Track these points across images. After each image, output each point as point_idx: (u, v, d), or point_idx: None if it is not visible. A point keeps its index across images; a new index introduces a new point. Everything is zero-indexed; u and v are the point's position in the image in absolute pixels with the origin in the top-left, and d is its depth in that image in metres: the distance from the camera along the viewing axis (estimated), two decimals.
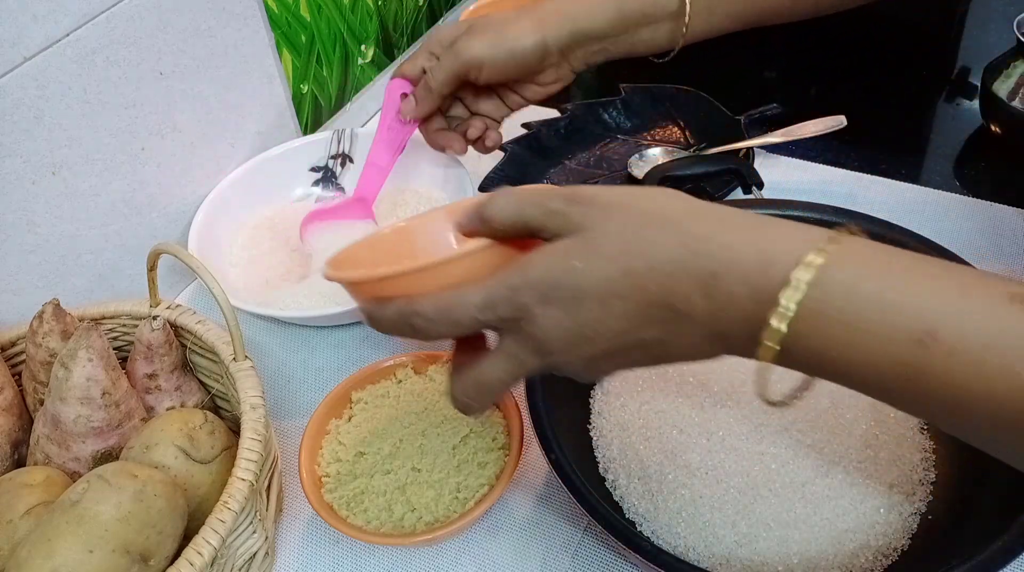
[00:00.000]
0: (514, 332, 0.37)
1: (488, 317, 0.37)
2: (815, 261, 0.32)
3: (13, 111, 0.55)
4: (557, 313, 0.36)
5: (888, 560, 0.48)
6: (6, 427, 0.51)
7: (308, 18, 0.78)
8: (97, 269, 0.65)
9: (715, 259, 0.33)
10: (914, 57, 0.89)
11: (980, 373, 0.30)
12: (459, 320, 0.37)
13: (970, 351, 0.30)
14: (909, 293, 0.31)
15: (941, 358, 0.30)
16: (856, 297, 0.31)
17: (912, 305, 0.31)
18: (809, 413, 0.53)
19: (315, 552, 0.54)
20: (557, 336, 0.36)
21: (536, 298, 0.36)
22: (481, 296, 0.37)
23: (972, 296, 0.31)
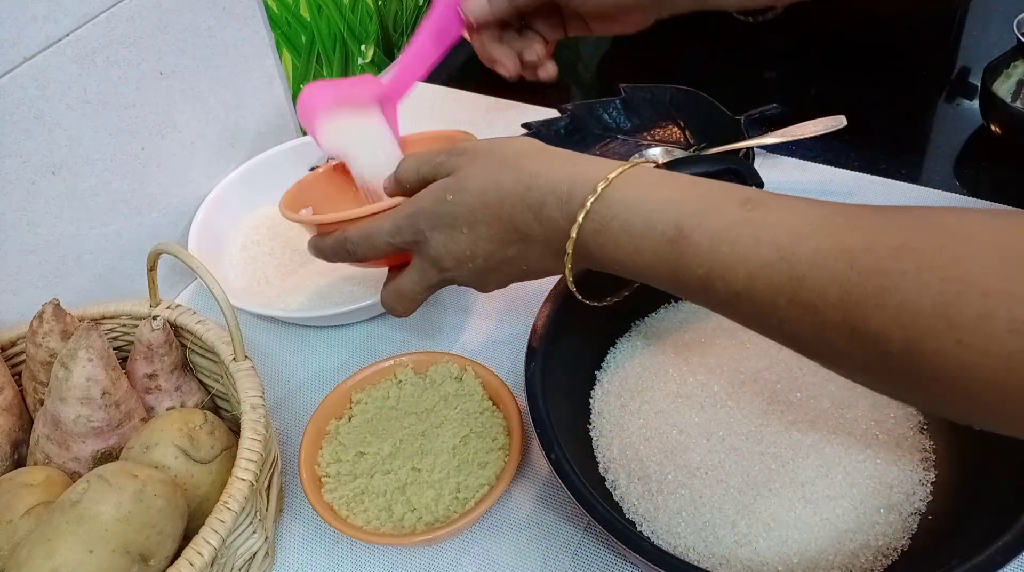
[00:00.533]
0: (417, 252, 0.49)
1: (396, 240, 0.48)
2: (600, 186, 0.41)
3: (13, 111, 0.55)
4: (441, 236, 0.47)
5: (888, 560, 0.48)
6: (6, 427, 0.51)
7: (308, 18, 0.78)
8: (97, 269, 0.65)
9: (541, 191, 0.43)
10: (914, 57, 0.89)
11: (715, 259, 0.37)
12: (375, 243, 0.49)
13: (705, 243, 0.37)
14: (666, 203, 0.39)
15: (688, 252, 0.38)
16: (627, 210, 0.40)
17: (666, 212, 0.39)
18: (809, 413, 0.53)
19: (315, 552, 0.54)
20: (446, 253, 0.47)
21: (427, 224, 0.47)
22: (389, 224, 0.48)
23: (712, 201, 0.38)
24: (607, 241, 0.41)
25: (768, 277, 0.36)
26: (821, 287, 0.34)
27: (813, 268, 0.34)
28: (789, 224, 0.36)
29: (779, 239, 0.35)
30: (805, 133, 0.75)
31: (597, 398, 0.57)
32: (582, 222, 0.41)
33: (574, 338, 0.56)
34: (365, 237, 0.50)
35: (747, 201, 0.38)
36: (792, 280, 0.35)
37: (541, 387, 0.51)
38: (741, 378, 0.56)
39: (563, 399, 0.53)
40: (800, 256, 0.35)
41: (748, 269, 0.36)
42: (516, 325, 0.67)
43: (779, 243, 0.35)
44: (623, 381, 0.57)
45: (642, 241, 0.40)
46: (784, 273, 0.35)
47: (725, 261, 0.37)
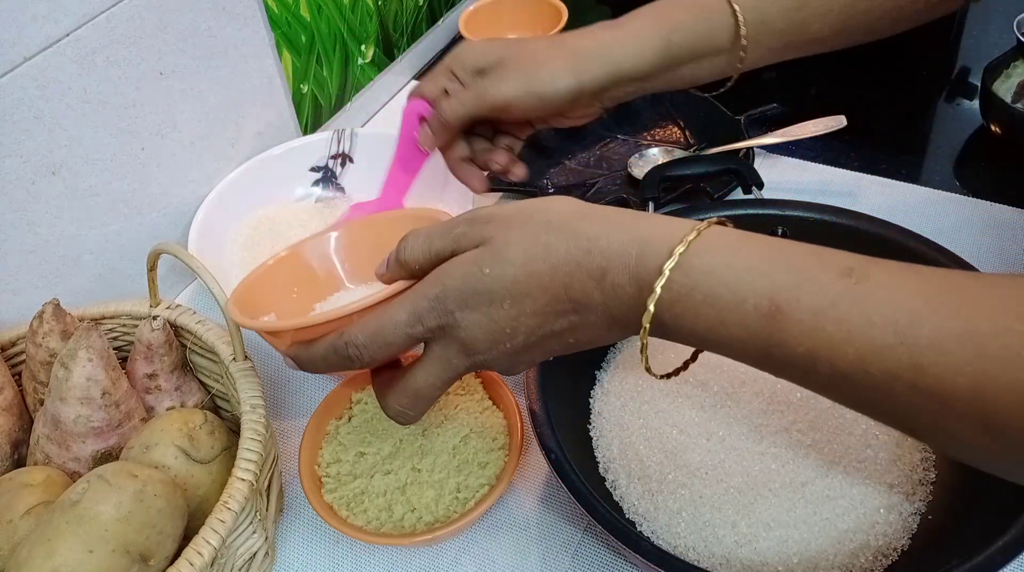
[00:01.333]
0: (440, 338, 0.41)
1: (417, 330, 0.41)
2: (679, 251, 0.37)
3: (13, 111, 0.55)
4: (476, 316, 0.40)
5: (888, 560, 0.48)
6: (6, 427, 0.52)
7: (308, 18, 0.78)
8: (97, 269, 0.65)
9: (603, 256, 0.38)
10: (914, 57, 0.89)
11: (818, 338, 0.34)
12: (390, 339, 0.41)
13: (807, 320, 0.34)
14: (757, 272, 0.36)
15: (787, 328, 0.35)
16: (712, 279, 0.36)
17: (759, 284, 0.35)
18: (809, 413, 0.53)
19: (315, 552, 0.54)
20: (480, 336, 0.40)
21: (456, 303, 0.40)
22: (406, 312, 0.41)
23: (809, 270, 0.35)
24: (685, 312, 0.37)
25: (883, 362, 0.33)
26: (948, 377, 0.31)
27: (938, 354, 0.32)
28: (902, 301, 0.33)
29: (895, 320, 0.32)
30: (805, 133, 0.75)
31: (597, 398, 0.57)
32: (660, 292, 0.37)
33: None
34: (375, 334, 0.41)
35: (849, 272, 0.34)
36: (913, 366, 0.32)
37: (541, 387, 0.51)
38: (741, 378, 0.56)
39: (563, 399, 0.53)
40: (920, 340, 0.32)
41: (859, 351, 0.33)
42: None
43: (896, 325, 0.32)
44: (623, 381, 0.57)
45: (729, 314, 0.36)
46: (903, 358, 0.32)
47: (831, 341, 0.34)
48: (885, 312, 0.33)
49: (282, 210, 0.76)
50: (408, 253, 0.43)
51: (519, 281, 0.39)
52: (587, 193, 0.77)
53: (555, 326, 0.40)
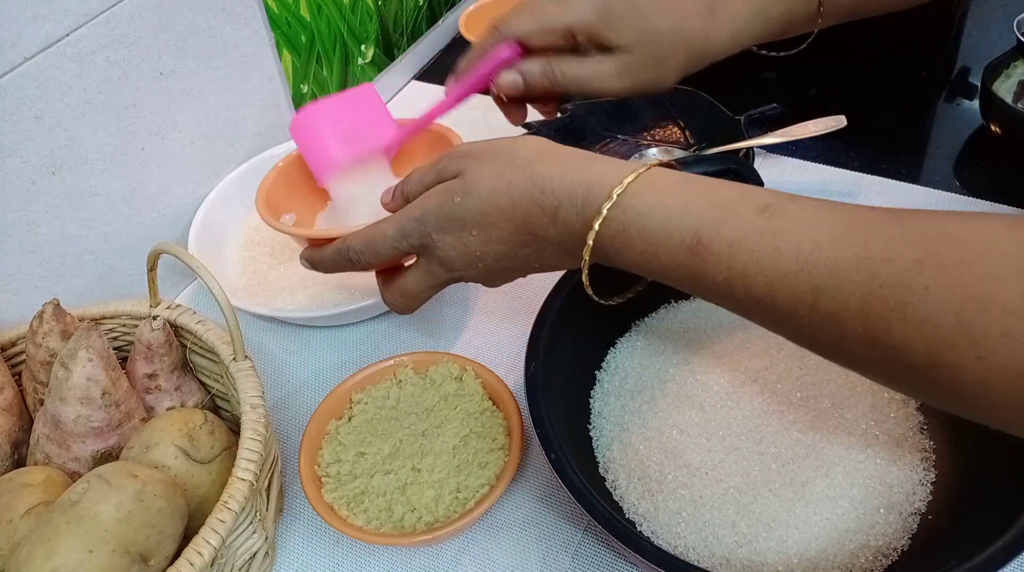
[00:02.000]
0: (423, 253, 0.48)
1: (402, 245, 0.48)
2: (616, 192, 0.41)
3: (13, 111, 0.55)
4: (450, 238, 0.46)
5: (888, 560, 0.48)
6: (6, 427, 0.51)
7: (308, 18, 0.78)
8: (97, 269, 0.65)
9: (556, 195, 0.43)
10: (914, 57, 0.89)
11: (734, 267, 0.37)
12: (380, 250, 0.49)
13: (724, 251, 0.38)
14: (684, 210, 0.39)
15: (707, 259, 0.38)
16: (644, 216, 0.40)
17: (684, 220, 0.39)
18: (809, 413, 0.53)
19: (315, 552, 0.54)
20: (454, 255, 0.47)
21: (434, 226, 0.46)
22: (394, 229, 0.48)
23: (730, 207, 0.38)
24: (624, 245, 0.41)
25: (788, 286, 0.36)
26: (842, 298, 0.34)
27: (834, 279, 0.34)
28: (808, 233, 0.36)
29: (799, 249, 0.36)
30: (805, 133, 0.75)
31: (597, 398, 0.57)
32: (599, 228, 0.41)
33: (574, 338, 0.56)
34: (369, 244, 0.49)
35: (765, 207, 0.38)
36: (813, 290, 0.35)
37: (541, 387, 0.50)
38: (741, 378, 0.56)
39: (563, 399, 0.53)
40: (820, 267, 0.35)
41: (768, 278, 0.36)
42: (516, 325, 0.67)
43: (799, 253, 0.36)
44: (623, 381, 0.57)
45: (660, 247, 0.40)
46: (805, 283, 0.35)
47: (745, 269, 0.37)
48: (792, 242, 0.36)
49: None
50: (410, 187, 0.50)
51: (485, 212, 0.45)
52: None
53: (519, 253, 0.46)
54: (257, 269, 0.71)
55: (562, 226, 0.43)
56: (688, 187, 0.40)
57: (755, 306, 0.38)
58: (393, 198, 0.51)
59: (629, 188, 0.41)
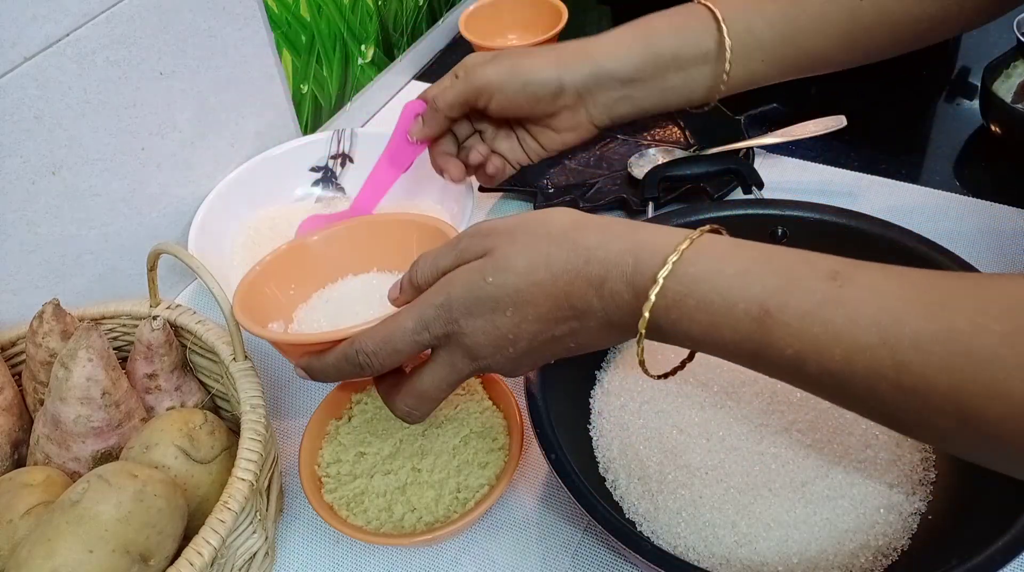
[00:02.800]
0: (446, 345, 0.44)
1: (423, 337, 0.43)
2: (672, 259, 0.38)
3: (13, 111, 0.55)
4: (480, 322, 0.42)
5: (888, 560, 0.48)
6: (6, 427, 0.52)
7: (308, 18, 0.78)
8: (97, 269, 0.65)
9: (602, 265, 0.40)
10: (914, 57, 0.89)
11: (806, 340, 0.35)
12: (399, 347, 0.44)
13: (795, 323, 0.36)
14: (747, 279, 0.37)
15: (776, 331, 0.36)
16: (703, 285, 0.38)
17: (749, 289, 0.37)
18: (809, 413, 0.53)
19: (315, 552, 0.54)
20: (484, 342, 0.42)
21: (461, 311, 0.42)
22: (413, 320, 0.43)
23: (796, 275, 0.37)
24: (681, 316, 0.38)
25: (868, 361, 0.34)
26: (930, 375, 0.33)
27: (919, 354, 0.33)
28: (885, 303, 0.34)
29: (878, 320, 0.34)
30: (805, 133, 0.75)
31: (597, 398, 0.57)
32: (655, 298, 0.38)
33: None
34: (384, 342, 0.44)
35: (835, 275, 0.36)
36: (896, 366, 0.33)
37: (541, 387, 0.51)
38: (741, 378, 0.56)
39: (563, 399, 0.53)
40: (904, 340, 0.33)
41: (845, 352, 0.35)
42: None
43: (879, 325, 0.34)
44: (623, 381, 0.57)
45: (722, 318, 0.37)
46: (887, 358, 0.34)
47: (817, 343, 0.35)
48: (869, 314, 0.34)
49: (282, 210, 0.76)
50: (420, 276, 0.45)
51: (521, 289, 0.41)
52: (587, 193, 0.77)
53: (556, 331, 0.42)
54: None
55: (609, 299, 0.40)
56: (747, 254, 0.38)
57: (829, 382, 0.36)
58: (402, 291, 0.47)
59: (684, 255, 0.38)
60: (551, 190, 0.78)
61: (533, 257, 0.41)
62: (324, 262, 0.59)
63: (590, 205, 0.74)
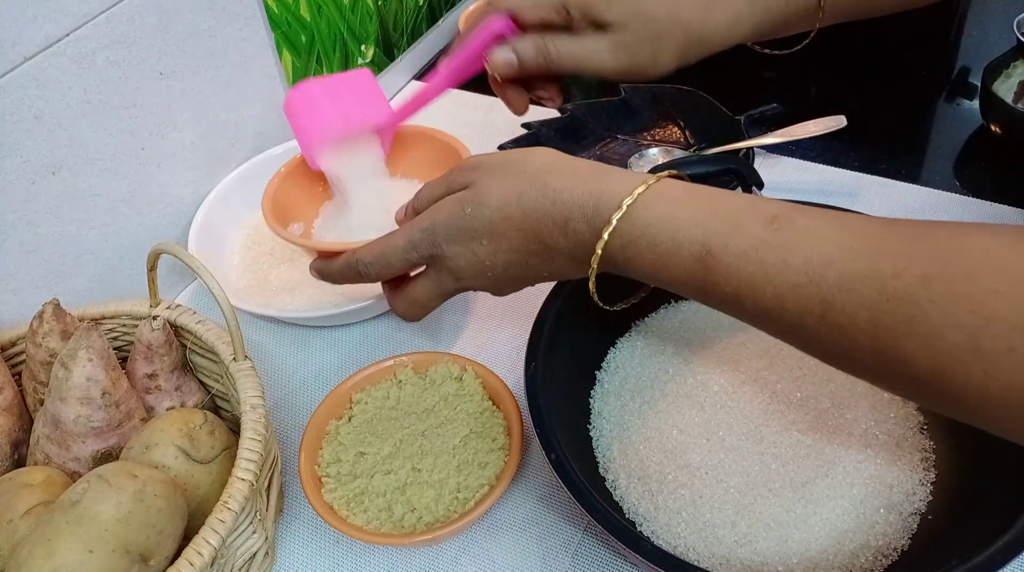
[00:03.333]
0: (433, 264, 0.48)
1: (412, 256, 0.48)
2: (626, 202, 0.41)
3: (13, 111, 0.55)
4: (460, 249, 0.46)
5: (888, 560, 0.48)
6: (6, 427, 0.51)
7: (308, 18, 0.78)
8: (97, 269, 0.65)
9: (567, 206, 0.43)
10: (914, 57, 0.89)
11: (743, 278, 0.38)
12: (391, 261, 0.49)
13: (733, 262, 0.38)
14: (693, 221, 0.40)
15: (716, 270, 0.39)
16: (653, 227, 0.41)
17: (693, 231, 0.39)
18: (809, 413, 0.53)
19: (315, 552, 0.54)
20: (464, 265, 0.47)
21: (444, 237, 0.46)
22: (404, 239, 0.48)
23: (738, 219, 0.39)
24: (633, 256, 0.41)
25: (797, 298, 0.36)
26: (850, 311, 0.35)
27: (842, 292, 0.35)
28: (816, 245, 0.36)
29: (807, 262, 0.36)
30: (805, 133, 0.75)
31: (597, 398, 0.57)
32: (608, 238, 0.42)
33: (574, 338, 0.56)
34: (379, 256, 0.49)
35: (773, 219, 0.38)
36: (821, 302, 0.36)
37: (541, 387, 0.50)
38: (741, 378, 0.56)
39: (563, 399, 0.53)
40: (829, 279, 0.35)
41: (776, 290, 0.37)
42: (516, 325, 0.67)
43: (807, 266, 0.36)
44: (623, 381, 0.57)
45: (669, 258, 0.40)
46: (813, 296, 0.36)
47: (753, 281, 0.38)
48: (800, 255, 0.36)
49: None
50: (419, 201, 0.50)
51: (495, 222, 0.45)
52: None
53: (529, 261, 0.46)
54: (257, 269, 0.71)
55: (572, 236, 0.43)
56: (697, 198, 0.41)
57: (764, 316, 0.38)
58: (405, 214, 0.52)
59: (639, 199, 0.41)
60: None
61: (507, 194, 0.45)
62: None
63: None
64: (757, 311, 0.38)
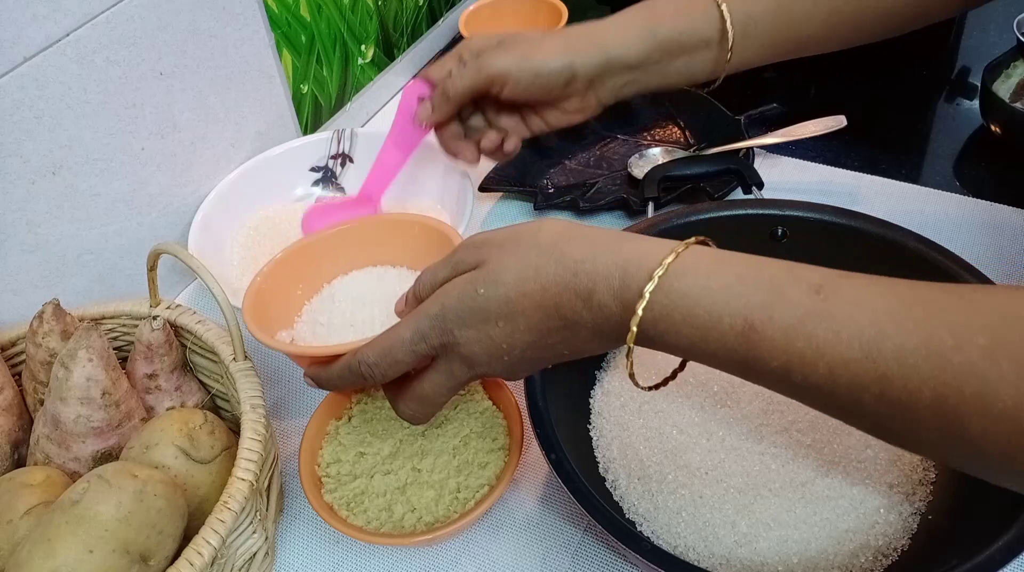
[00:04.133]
0: (443, 354, 0.45)
1: (421, 348, 0.44)
2: (658, 274, 0.38)
3: (13, 111, 0.55)
4: (473, 333, 0.43)
5: (888, 560, 0.48)
6: (6, 427, 0.51)
7: (308, 18, 0.78)
8: (97, 269, 0.65)
9: (589, 278, 0.40)
10: (914, 57, 0.89)
11: (791, 353, 0.36)
12: (398, 357, 0.45)
13: (779, 337, 0.36)
14: (731, 293, 0.37)
15: (761, 345, 0.36)
16: (688, 300, 0.38)
17: (733, 303, 0.37)
18: (809, 413, 0.53)
19: (315, 552, 0.54)
20: (479, 351, 0.43)
21: (455, 322, 0.43)
22: (410, 330, 0.44)
23: (780, 288, 0.37)
24: (667, 329, 0.39)
25: (851, 374, 0.34)
26: (913, 388, 0.33)
27: (902, 368, 0.33)
28: (868, 317, 0.34)
29: (861, 334, 0.34)
30: (805, 133, 0.75)
31: (597, 398, 0.57)
32: (642, 313, 0.39)
33: None
34: (384, 353, 0.45)
35: (819, 289, 0.36)
36: (879, 380, 0.34)
37: (541, 387, 0.51)
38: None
39: (563, 399, 0.53)
40: (886, 353, 0.33)
41: (829, 365, 0.35)
42: None
43: (862, 339, 0.34)
44: (623, 381, 0.57)
45: (708, 332, 0.38)
46: (870, 372, 0.34)
47: (802, 356, 0.35)
48: (852, 327, 0.34)
49: (282, 210, 0.76)
50: (421, 288, 0.46)
51: (511, 300, 0.42)
52: (587, 193, 0.76)
53: (549, 340, 0.43)
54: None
55: (597, 310, 0.40)
56: (732, 266, 0.39)
57: (815, 393, 0.36)
58: (407, 303, 0.48)
59: (670, 269, 0.39)
60: (551, 190, 0.78)
61: (523, 269, 0.42)
62: (330, 260, 0.60)
63: (590, 205, 0.74)
64: (808, 387, 0.36)
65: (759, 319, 0.36)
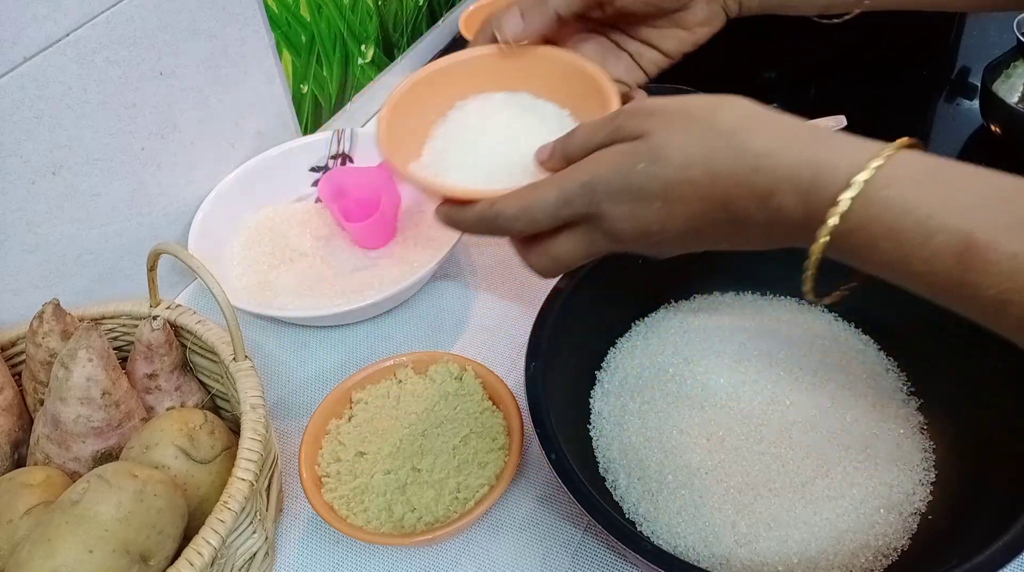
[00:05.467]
0: (589, 222, 0.40)
1: (563, 213, 0.40)
2: (862, 177, 0.33)
3: (13, 111, 0.55)
4: (624, 209, 0.39)
5: (888, 560, 0.48)
6: (6, 427, 0.52)
7: (308, 18, 0.78)
8: (97, 269, 0.65)
9: (773, 175, 0.35)
10: (914, 57, 0.89)
11: (1016, 281, 0.31)
12: (537, 217, 0.41)
13: (1004, 262, 0.31)
14: (949, 206, 0.32)
15: (979, 269, 0.31)
16: (895, 212, 0.33)
17: (953, 219, 0.32)
18: (809, 413, 0.53)
19: (315, 552, 0.54)
20: (627, 228, 0.39)
21: (605, 195, 0.39)
22: (555, 194, 0.40)
23: (1008, 209, 0.32)
24: (862, 244, 0.34)
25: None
26: None
27: None
28: None
29: None
30: None
31: (597, 398, 0.57)
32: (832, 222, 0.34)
33: (574, 338, 0.55)
34: (524, 210, 0.41)
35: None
36: None
37: (541, 387, 0.50)
38: (741, 378, 0.56)
39: (563, 399, 0.53)
40: None
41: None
42: (516, 325, 0.67)
43: None
44: (623, 381, 0.57)
45: (914, 250, 0.33)
46: None
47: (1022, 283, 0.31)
48: None
49: (282, 210, 0.76)
50: (574, 147, 0.42)
51: (673, 184, 0.37)
52: None
53: (706, 232, 0.39)
54: (257, 269, 0.71)
55: (775, 212, 0.36)
56: (954, 175, 0.34)
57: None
58: (551, 155, 0.43)
59: (877, 174, 0.33)
60: None
61: (692, 151, 0.37)
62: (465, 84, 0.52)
63: None
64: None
65: (983, 240, 0.31)
